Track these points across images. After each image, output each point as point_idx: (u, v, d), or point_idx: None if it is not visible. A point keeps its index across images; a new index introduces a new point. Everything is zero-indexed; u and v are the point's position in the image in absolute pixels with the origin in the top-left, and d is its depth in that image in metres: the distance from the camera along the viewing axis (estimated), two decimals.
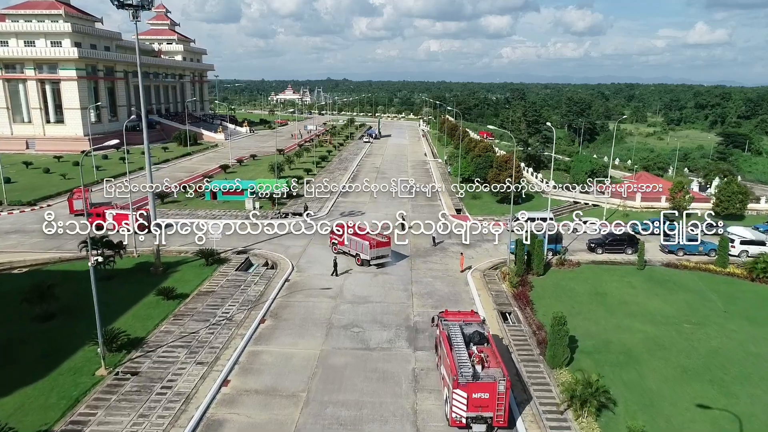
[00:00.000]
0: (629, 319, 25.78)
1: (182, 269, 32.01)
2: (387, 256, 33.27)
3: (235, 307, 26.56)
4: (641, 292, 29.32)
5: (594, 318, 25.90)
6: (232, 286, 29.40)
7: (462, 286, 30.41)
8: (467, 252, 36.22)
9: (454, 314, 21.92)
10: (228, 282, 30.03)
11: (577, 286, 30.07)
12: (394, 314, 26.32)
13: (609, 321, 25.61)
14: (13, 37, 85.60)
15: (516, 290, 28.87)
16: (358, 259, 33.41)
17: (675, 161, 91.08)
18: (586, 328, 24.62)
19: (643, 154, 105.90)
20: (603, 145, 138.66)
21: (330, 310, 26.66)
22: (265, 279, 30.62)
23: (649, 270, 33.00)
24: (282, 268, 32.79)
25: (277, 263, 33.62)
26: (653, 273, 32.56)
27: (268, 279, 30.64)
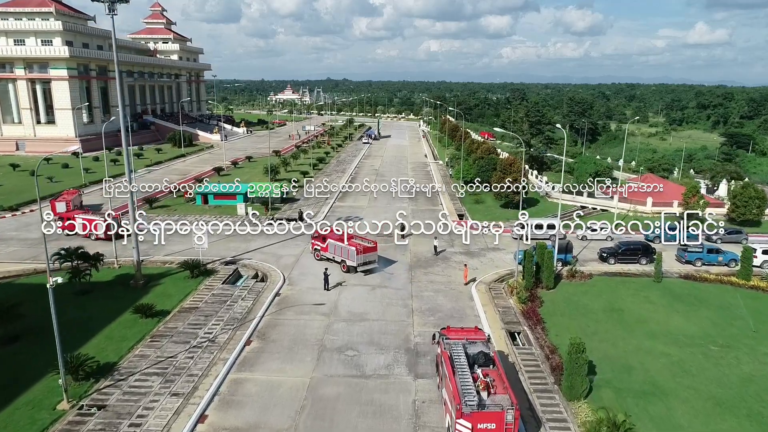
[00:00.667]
0: (650, 341, 23.54)
1: (165, 282, 29.75)
2: (374, 261, 31.74)
3: (219, 327, 24.30)
4: (660, 309, 27.07)
5: (611, 339, 23.65)
6: (217, 302, 27.14)
7: (466, 301, 28.17)
8: (471, 262, 34.01)
9: (456, 331, 20.17)
10: (213, 297, 27.77)
11: (591, 302, 27.83)
12: (393, 334, 24.07)
13: (628, 342, 23.36)
14: (2, 35, 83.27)
15: (525, 306, 26.62)
16: (344, 266, 31.66)
17: (681, 162, 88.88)
18: (603, 350, 22.38)
19: (647, 155, 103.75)
20: (605, 146, 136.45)
21: (323, 329, 24.41)
22: (253, 293, 28.36)
23: (666, 283, 30.75)
24: (272, 280, 30.54)
25: (267, 275, 31.37)
26: (672, 286, 30.31)
27: (257, 293, 28.38)
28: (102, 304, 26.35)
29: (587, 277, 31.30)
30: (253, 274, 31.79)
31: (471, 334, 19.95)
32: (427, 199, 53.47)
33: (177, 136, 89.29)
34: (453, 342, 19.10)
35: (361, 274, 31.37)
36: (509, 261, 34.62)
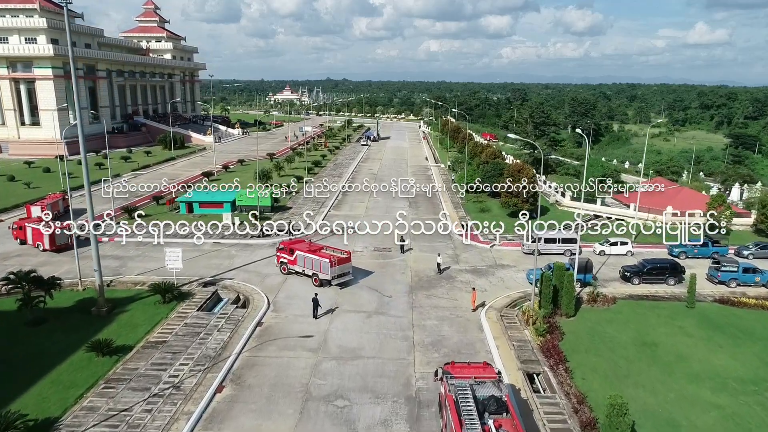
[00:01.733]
0: (694, 385, 20.00)
1: (132, 308, 26.16)
2: (349, 273, 29.37)
3: (187, 367, 20.73)
4: (700, 342, 23.54)
5: (648, 383, 20.11)
6: (189, 334, 23.57)
7: (475, 331, 24.61)
8: (479, 282, 30.54)
9: (461, 367, 17.39)
10: (185, 328, 24.18)
11: (618, 333, 24.28)
12: (391, 377, 20.51)
13: (668, 388, 19.83)
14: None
15: (543, 340, 23.08)
16: (316, 280, 29.07)
17: (691, 165, 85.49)
18: (641, 400, 18.84)
19: (653, 157, 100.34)
20: (608, 147, 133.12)
21: (309, 370, 20.86)
22: (232, 323, 24.77)
23: (701, 308, 27.20)
24: (255, 305, 26.96)
25: (249, 299, 27.79)
26: (707, 312, 26.76)
27: (235, 323, 24.79)
28: (55, 338, 22.78)
29: (611, 301, 27.74)
30: (233, 297, 28.21)
31: (479, 372, 17.08)
32: (429, 206, 49.98)
33: (168, 138, 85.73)
34: (458, 383, 16.21)
35: (354, 298, 27.85)
36: (521, 281, 31.12)
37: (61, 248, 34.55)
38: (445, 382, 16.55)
